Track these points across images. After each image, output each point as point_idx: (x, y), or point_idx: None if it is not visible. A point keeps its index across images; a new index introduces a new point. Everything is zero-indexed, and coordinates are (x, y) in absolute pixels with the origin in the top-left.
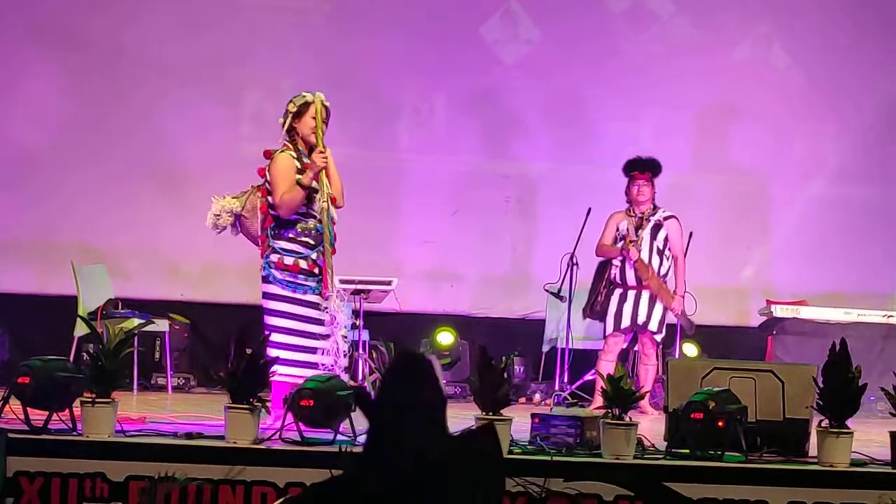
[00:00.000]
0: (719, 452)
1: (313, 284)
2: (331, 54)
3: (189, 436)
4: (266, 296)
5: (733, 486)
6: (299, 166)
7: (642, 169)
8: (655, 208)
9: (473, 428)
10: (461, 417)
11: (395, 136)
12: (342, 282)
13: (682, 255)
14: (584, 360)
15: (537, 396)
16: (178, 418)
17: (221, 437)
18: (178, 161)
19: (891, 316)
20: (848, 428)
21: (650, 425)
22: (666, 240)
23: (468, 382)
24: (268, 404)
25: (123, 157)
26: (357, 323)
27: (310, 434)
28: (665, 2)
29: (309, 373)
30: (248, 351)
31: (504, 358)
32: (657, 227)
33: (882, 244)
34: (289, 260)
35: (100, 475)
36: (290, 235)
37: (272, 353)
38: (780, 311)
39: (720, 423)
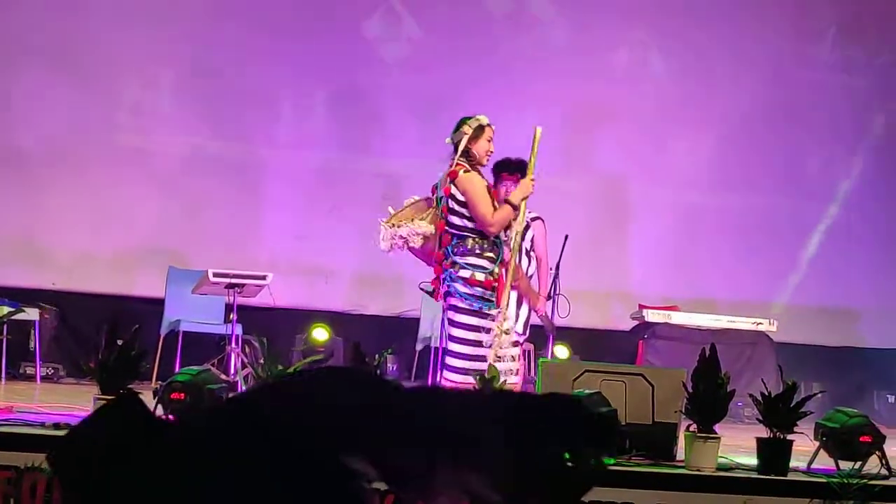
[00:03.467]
0: None
1: (492, 298)
2: (208, 44)
3: (57, 426)
4: (454, 309)
5: (601, 488)
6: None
7: (511, 170)
8: None
9: None
10: None
11: (272, 130)
12: (216, 275)
13: (546, 256)
14: None
15: None
16: (46, 408)
17: None
18: (48, 148)
19: (760, 323)
20: (716, 433)
21: None
22: (532, 241)
23: None
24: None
25: None
26: (231, 317)
27: None
28: (546, 6)
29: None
30: (119, 342)
31: (378, 355)
32: (525, 229)
33: (755, 252)
34: (480, 276)
35: None
36: (477, 251)
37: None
38: (651, 316)
39: None
